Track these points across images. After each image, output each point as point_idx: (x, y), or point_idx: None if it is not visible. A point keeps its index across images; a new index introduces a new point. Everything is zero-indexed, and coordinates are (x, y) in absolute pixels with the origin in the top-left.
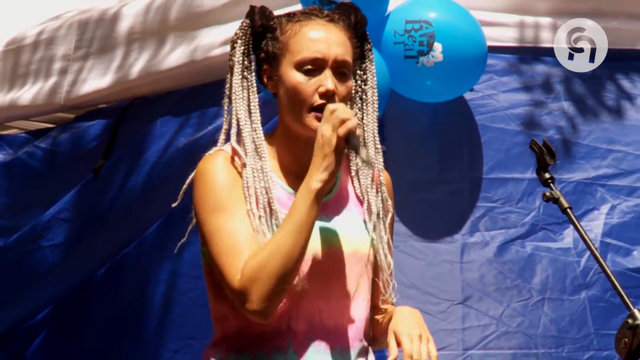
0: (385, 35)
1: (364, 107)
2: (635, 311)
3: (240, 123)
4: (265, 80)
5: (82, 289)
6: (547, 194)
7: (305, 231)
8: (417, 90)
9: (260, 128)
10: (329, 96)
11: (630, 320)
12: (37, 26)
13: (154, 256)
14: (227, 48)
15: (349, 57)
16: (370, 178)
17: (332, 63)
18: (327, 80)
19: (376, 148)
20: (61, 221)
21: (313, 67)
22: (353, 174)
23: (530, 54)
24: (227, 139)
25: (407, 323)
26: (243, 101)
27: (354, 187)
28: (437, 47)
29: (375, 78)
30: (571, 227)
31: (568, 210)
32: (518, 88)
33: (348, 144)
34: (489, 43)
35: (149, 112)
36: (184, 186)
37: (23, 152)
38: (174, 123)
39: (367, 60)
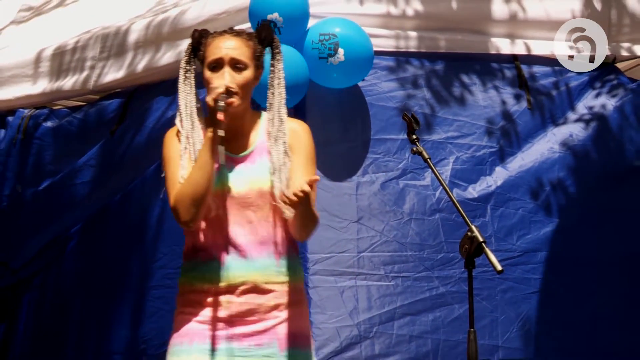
0: (306, 44)
1: (274, 91)
2: (473, 227)
3: (180, 108)
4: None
5: (103, 211)
6: (414, 149)
7: (206, 167)
8: (327, 80)
9: (195, 110)
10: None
11: (469, 233)
12: (75, 37)
13: (151, 189)
14: None
15: (243, 57)
16: (274, 138)
17: (228, 61)
18: (224, 74)
19: (281, 119)
20: (89, 166)
21: (216, 65)
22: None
23: (403, 57)
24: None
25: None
26: (184, 93)
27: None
28: (340, 51)
29: (282, 72)
30: (430, 171)
31: (428, 160)
32: (394, 79)
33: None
34: (375, 49)
35: (148, 94)
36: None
37: (65, 120)
38: (165, 101)
39: (275, 60)
